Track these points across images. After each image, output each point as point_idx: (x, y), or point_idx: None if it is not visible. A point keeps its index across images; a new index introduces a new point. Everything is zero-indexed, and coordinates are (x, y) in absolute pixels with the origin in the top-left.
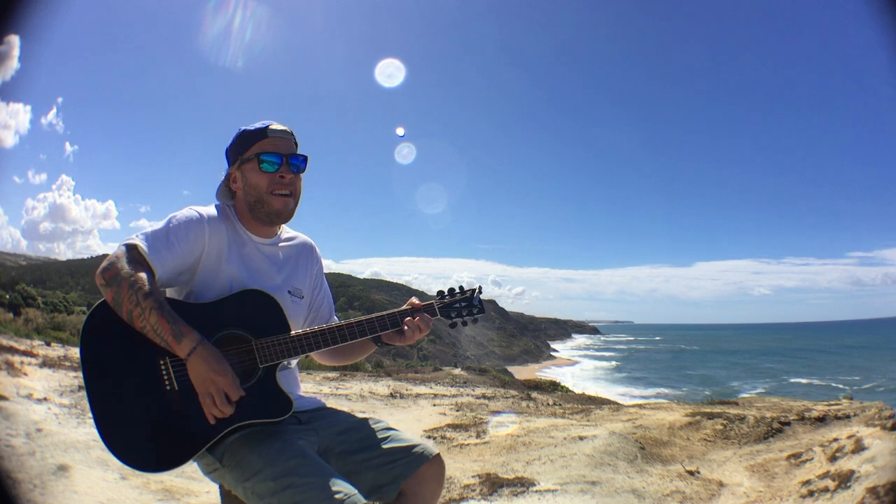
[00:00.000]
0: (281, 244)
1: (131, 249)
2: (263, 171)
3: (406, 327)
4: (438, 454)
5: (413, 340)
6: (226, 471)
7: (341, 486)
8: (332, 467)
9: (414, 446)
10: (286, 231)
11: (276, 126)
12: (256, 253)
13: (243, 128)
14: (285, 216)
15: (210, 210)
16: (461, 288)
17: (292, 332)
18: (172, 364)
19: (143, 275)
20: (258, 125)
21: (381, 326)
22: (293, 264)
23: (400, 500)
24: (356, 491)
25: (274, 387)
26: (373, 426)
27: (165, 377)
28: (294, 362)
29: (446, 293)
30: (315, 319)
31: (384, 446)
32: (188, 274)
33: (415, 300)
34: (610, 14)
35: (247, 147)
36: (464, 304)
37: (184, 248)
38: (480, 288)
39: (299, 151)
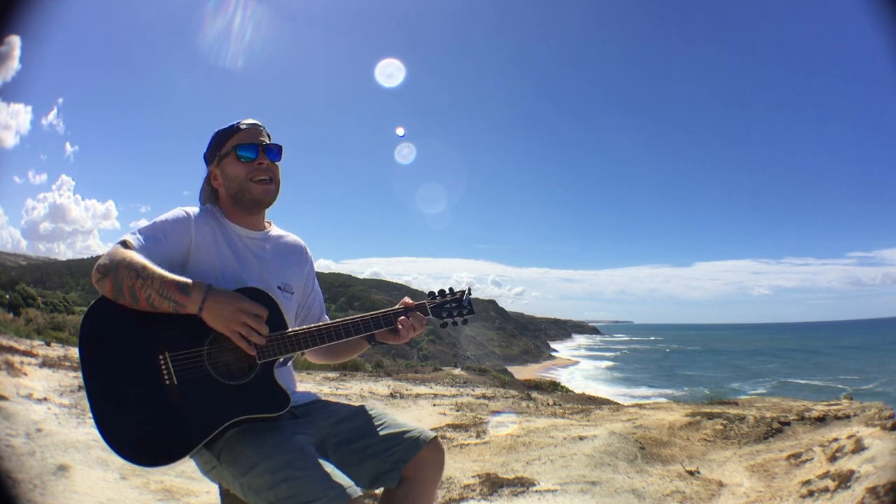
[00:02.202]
0: (270, 240)
1: (122, 245)
2: (241, 161)
3: (400, 326)
4: (435, 437)
5: (406, 339)
6: (223, 467)
7: (338, 479)
8: (329, 460)
9: (409, 431)
10: (276, 229)
11: (246, 120)
12: (245, 247)
13: (216, 130)
14: (267, 201)
15: (196, 209)
16: (451, 289)
17: (289, 330)
18: (172, 359)
19: (136, 255)
20: (229, 124)
21: (376, 325)
22: (282, 260)
23: (402, 486)
24: (353, 483)
25: (272, 382)
26: (367, 413)
27: (164, 372)
28: (290, 359)
29: (437, 294)
30: (306, 318)
31: (380, 433)
32: (178, 270)
33: (408, 300)
34: (610, 14)
35: (222, 144)
36: (454, 305)
37: (171, 243)
38: (470, 289)
39: (274, 142)
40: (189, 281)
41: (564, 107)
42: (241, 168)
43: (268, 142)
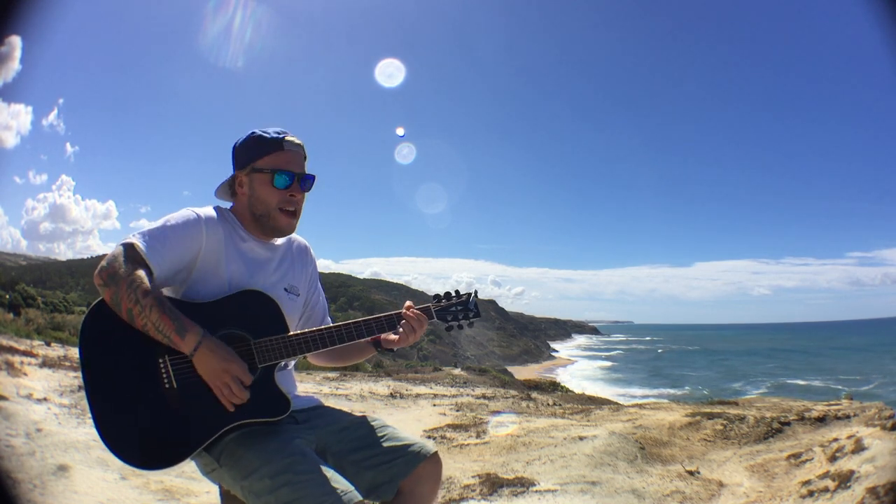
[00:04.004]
0: (277, 243)
1: (128, 248)
2: (275, 186)
3: (402, 330)
4: (436, 452)
5: (408, 343)
6: (224, 470)
7: (338, 483)
8: (329, 465)
9: (411, 445)
10: None
11: (291, 138)
12: (254, 250)
13: (258, 132)
14: (287, 233)
15: (207, 211)
16: (457, 292)
17: (291, 333)
18: (171, 362)
19: (141, 273)
20: (273, 133)
21: (378, 328)
22: (290, 262)
23: (398, 499)
24: (353, 488)
25: (272, 387)
26: (370, 425)
27: (164, 376)
28: (292, 363)
29: (443, 297)
30: (310, 318)
31: (381, 445)
32: (185, 273)
33: (410, 304)
34: (610, 14)
35: (260, 155)
36: (460, 308)
37: (180, 247)
38: (476, 292)
39: (308, 171)
40: (187, 325)
41: (564, 106)
42: (273, 194)
43: (305, 171)
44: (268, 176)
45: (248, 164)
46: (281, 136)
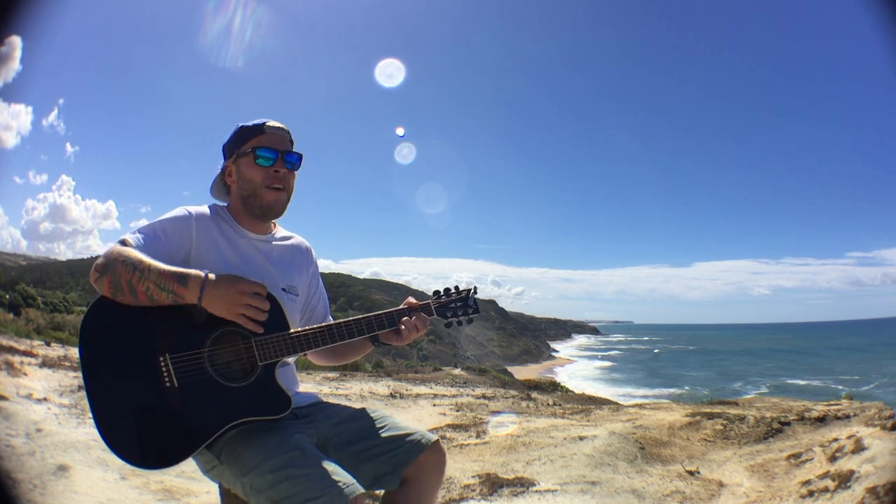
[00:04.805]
0: (276, 242)
1: (121, 243)
2: (259, 165)
3: (403, 327)
4: (437, 441)
5: (410, 340)
6: (224, 467)
7: (339, 476)
8: (330, 461)
9: (411, 434)
10: (281, 231)
11: (272, 123)
12: (251, 248)
13: (241, 124)
14: (277, 211)
15: (200, 208)
16: (457, 288)
17: (291, 331)
18: (172, 361)
19: (133, 251)
20: (255, 122)
21: (379, 325)
22: (288, 262)
23: (403, 488)
24: (354, 480)
25: (273, 384)
26: (369, 416)
27: (165, 374)
28: (292, 360)
29: (442, 293)
30: (311, 319)
31: (381, 435)
32: None
33: (412, 300)
34: (610, 13)
35: (243, 142)
36: (459, 304)
37: (171, 242)
38: (476, 288)
39: (295, 150)
40: (186, 271)
41: (564, 106)
42: (258, 172)
43: (289, 149)
44: (251, 156)
45: (234, 152)
46: (262, 121)
